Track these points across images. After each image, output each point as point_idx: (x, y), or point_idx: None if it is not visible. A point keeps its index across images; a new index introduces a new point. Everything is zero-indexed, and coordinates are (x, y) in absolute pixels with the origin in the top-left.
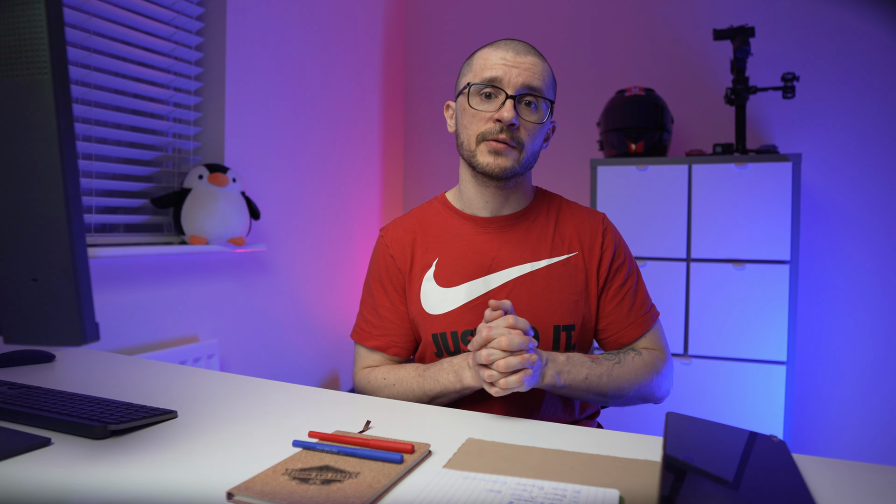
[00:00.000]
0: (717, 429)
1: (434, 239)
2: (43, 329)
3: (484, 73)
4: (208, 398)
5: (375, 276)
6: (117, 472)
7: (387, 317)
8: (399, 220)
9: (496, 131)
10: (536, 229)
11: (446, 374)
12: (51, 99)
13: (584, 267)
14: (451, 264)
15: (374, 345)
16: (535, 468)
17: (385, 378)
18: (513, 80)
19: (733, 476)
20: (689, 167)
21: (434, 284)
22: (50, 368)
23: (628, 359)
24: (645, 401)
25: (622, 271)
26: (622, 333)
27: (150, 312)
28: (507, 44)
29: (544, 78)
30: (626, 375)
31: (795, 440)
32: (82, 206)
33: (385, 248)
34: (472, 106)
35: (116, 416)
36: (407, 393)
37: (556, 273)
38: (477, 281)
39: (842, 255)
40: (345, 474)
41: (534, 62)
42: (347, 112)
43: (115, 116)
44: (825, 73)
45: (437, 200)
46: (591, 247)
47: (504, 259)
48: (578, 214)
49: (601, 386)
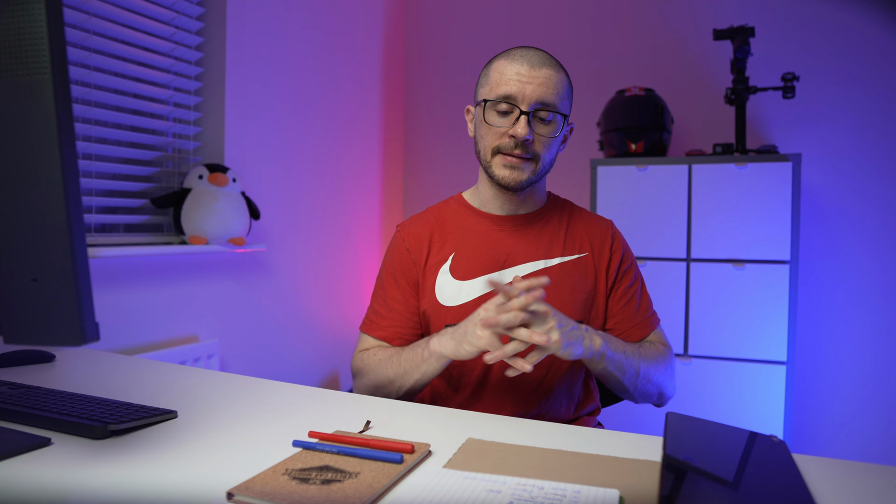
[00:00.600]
0: (717, 429)
1: (451, 234)
2: (43, 329)
3: (499, 90)
4: (208, 398)
5: (389, 269)
6: (117, 472)
7: (396, 308)
8: (416, 216)
9: (511, 146)
10: (550, 229)
11: (439, 338)
12: (51, 99)
13: (594, 268)
14: (467, 258)
15: (379, 335)
16: (536, 468)
17: (376, 355)
18: (527, 96)
19: (733, 476)
20: (689, 167)
21: (450, 277)
22: (50, 368)
23: (647, 345)
24: (659, 396)
25: (629, 274)
26: (629, 333)
27: (150, 312)
28: (522, 55)
29: (559, 91)
30: (652, 358)
31: (795, 440)
32: (82, 205)
33: (402, 242)
34: (487, 121)
35: (116, 417)
36: (395, 368)
37: (567, 271)
38: (492, 275)
39: (842, 255)
40: (345, 474)
41: (548, 75)
42: (348, 111)
43: (115, 116)
44: (825, 73)
45: (454, 199)
46: (600, 249)
47: (519, 255)
48: (588, 219)
49: (633, 363)
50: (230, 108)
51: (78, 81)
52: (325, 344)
